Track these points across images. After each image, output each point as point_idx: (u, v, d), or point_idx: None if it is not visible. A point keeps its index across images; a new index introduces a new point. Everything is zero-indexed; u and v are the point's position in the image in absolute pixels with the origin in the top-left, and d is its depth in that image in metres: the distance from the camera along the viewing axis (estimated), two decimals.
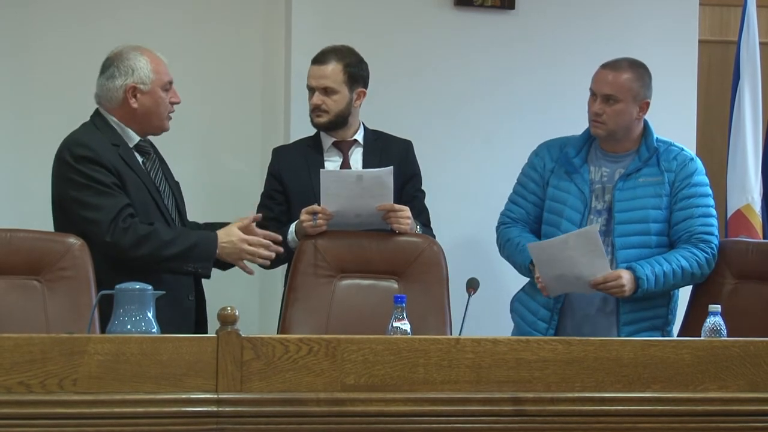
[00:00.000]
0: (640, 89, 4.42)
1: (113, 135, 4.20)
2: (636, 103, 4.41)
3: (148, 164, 4.26)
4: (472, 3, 5.17)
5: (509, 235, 4.49)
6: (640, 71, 4.45)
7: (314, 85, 4.53)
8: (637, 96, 4.41)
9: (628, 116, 4.40)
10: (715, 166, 5.78)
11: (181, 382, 3.01)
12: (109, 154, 4.13)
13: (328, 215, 4.28)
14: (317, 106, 4.52)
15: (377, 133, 4.66)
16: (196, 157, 4.84)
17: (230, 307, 3.07)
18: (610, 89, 4.40)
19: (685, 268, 4.30)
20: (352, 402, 3.08)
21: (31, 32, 5.02)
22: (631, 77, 4.41)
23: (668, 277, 4.28)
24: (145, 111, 4.22)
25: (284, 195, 4.55)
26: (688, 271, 4.30)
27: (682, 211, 4.37)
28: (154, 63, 4.23)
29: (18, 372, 2.94)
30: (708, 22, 5.89)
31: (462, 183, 5.06)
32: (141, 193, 4.16)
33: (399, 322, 3.63)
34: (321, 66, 4.53)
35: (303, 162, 4.55)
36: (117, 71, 4.22)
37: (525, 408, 3.16)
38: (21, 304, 3.93)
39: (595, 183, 4.44)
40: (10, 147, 4.98)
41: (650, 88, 4.46)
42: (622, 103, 4.39)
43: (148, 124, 4.25)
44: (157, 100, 4.22)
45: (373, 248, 4.34)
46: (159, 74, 4.22)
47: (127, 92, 4.20)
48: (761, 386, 3.26)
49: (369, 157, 4.56)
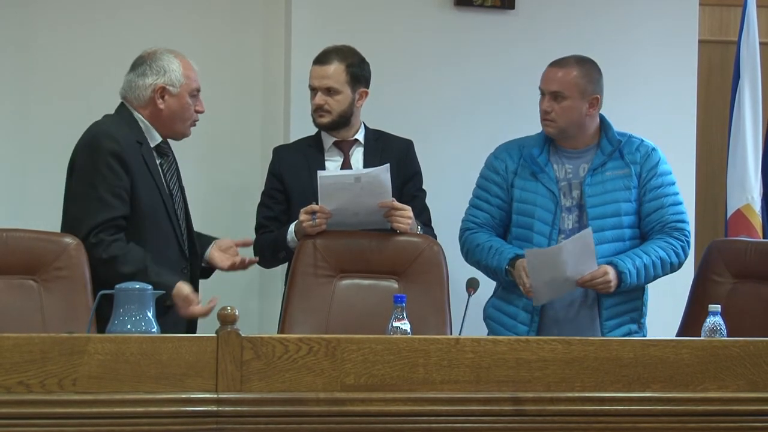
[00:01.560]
0: (588, 85, 4.42)
1: (138, 132, 4.19)
2: (584, 99, 4.41)
3: (165, 166, 4.26)
4: (472, 3, 5.17)
5: (478, 240, 4.47)
6: (587, 67, 4.46)
7: (317, 86, 4.53)
8: (585, 92, 4.41)
9: (576, 112, 4.41)
10: (715, 165, 5.79)
11: (181, 382, 3.00)
12: (133, 152, 4.12)
13: (326, 214, 4.27)
14: (320, 106, 4.52)
15: (378, 133, 4.66)
16: (196, 157, 4.83)
17: (230, 307, 3.07)
18: (557, 86, 4.41)
19: (663, 259, 4.35)
20: (352, 402, 3.08)
21: (32, 32, 5.01)
22: (578, 74, 4.42)
23: (649, 269, 4.33)
24: (171, 114, 4.21)
25: (284, 194, 4.55)
26: (666, 261, 4.36)
27: (652, 202, 4.41)
28: (186, 68, 4.23)
29: (18, 372, 2.94)
30: (708, 22, 5.89)
31: (462, 183, 5.05)
32: (153, 195, 4.15)
33: (399, 321, 3.63)
34: (323, 66, 4.53)
35: (304, 161, 4.55)
36: (149, 69, 4.21)
37: (525, 408, 3.16)
38: (17, 304, 3.93)
39: (561, 180, 4.44)
40: (10, 147, 4.98)
41: (599, 83, 4.46)
42: (570, 100, 4.39)
43: (171, 127, 4.24)
44: (183, 104, 4.22)
45: (373, 248, 4.33)
46: (189, 80, 4.22)
47: (156, 92, 4.19)
48: (761, 386, 3.26)
49: (370, 157, 4.56)
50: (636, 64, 5.31)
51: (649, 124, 5.30)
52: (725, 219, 5.37)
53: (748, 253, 4.35)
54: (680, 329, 4.33)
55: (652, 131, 5.32)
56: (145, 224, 4.12)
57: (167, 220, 4.18)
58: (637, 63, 5.31)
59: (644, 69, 5.32)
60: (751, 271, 4.31)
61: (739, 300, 4.12)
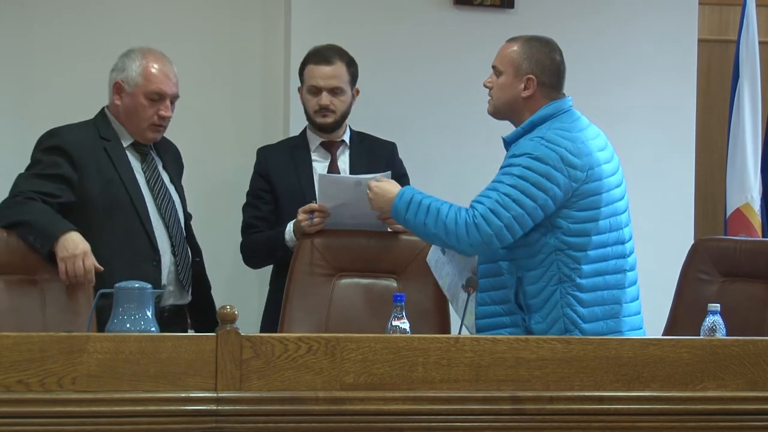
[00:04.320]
0: (524, 62, 4.01)
1: (106, 130, 4.21)
2: (518, 77, 4.01)
3: (144, 165, 4.26)
4: (471, 2, 5.18)
5: None
6: (533, 45, 4.04)
7: (322, 86, 4.51)
8: (520, 69, 4.01)
9: (508, 91, 4.03)
10: (714, 165, 5.80)
11: (181, 381, 3.00)
12: (88, 147, 4.15)
13: (324, 213, 4.28)
14: (326, 106, 4.51)
15: (362, 135, 4.67)
16: (195, 156, 4.84)
17: (229, 306, 3.07)
18: (497, 60, 4.09)
19: (441, 210, 3.92)
20: (351, 401, 3.08)
21: (31, 33, 5.02)
22: (519, 49, 4.03)
23: (423, 207, 3.94)
24: (125, 112, 4.23)
25: (272, 194, 4.55)
26: (442, 216, 3.91)
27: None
28: (150, 69, 4.21)
29: (17, 371, 2.94)
30: (707, 21, 5.90)
31: (462, 183, 5.05)
32: (113, 189, 4.15)
33: (398, 321, 3.63)
34: (328, 66, 4.52)
35: (290, 162, 4.56)
36: (116, 65, 4.26)
37: (524, 407, 3.15)
38: (18, 303, 3.93)
39: None
40: (9, 148, 4.98)
41: (539, 63, 4.02)
42: (504, 76, 4.04)
43: (128, 126, 4.25)
44: (136, 104, 4.21)
45: (372, 247, 4.34)
46: (148, 81, 4.20)
47: (114, 87, 4.22)
48: (760, 385, 3.26)
49: (356, 159, 4.58)
50: (635, 63, 5.32)
51: (648, 122, 5.32)
52: (725, 218, 5.37)
53: (737, 252, 4.32)
54: (666, 328, 4.31)
55: (651, 130, 5.35)
56: (100, 216, 4.13)
57: (133, 213, 4.16)
58: (636, 62, 5.32)
59: (644, 68, 5.33)
60: (740, 271, 4.28)
61: (728, 299, 4.09)
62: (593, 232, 3.95)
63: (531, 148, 3.92)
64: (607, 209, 3.99)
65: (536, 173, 3.88)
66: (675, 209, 5.37)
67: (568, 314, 3.93)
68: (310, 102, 4.55)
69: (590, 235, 3.95)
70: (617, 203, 4.03)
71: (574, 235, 3.94)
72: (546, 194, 3.88)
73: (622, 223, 4.04)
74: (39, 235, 3.95)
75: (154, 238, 4.19)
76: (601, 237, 3.97)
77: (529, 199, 3.88)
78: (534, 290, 3.97)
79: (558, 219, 3.93)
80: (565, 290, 3.94)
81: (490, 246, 3.90)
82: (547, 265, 3.95)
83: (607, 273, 3.98)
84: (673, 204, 5.37)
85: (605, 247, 3.98)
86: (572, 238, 3.94)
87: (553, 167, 3.89)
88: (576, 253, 3.94)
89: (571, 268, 3.93)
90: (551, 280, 3.95)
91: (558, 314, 3.94)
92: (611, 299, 3.99)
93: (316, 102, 4.53)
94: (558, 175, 3.89)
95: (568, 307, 3.93)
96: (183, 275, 4.26)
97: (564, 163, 3.90)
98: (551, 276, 3.95)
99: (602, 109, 4.74)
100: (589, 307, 3.95)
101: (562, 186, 3.90)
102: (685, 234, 5.31)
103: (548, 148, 3.90)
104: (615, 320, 3.99)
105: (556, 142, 3.92)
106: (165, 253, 4.22)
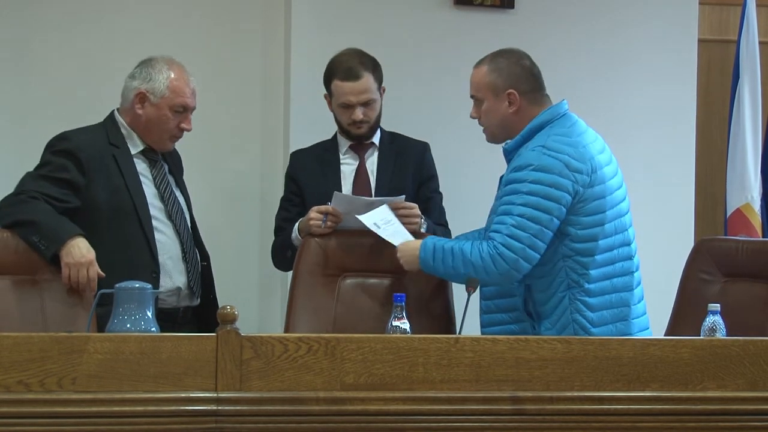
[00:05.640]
0: (497, 80, 4.01)
1: (116, 136, 4.21)
2: (499, 97, 4.01)
3: (153, 172, 4.26)
4: (471, 2, 5.18)
5: None
6: (498, 60, 4.04)
7: (355, 102, 4.47)
8: (497, 89, 4.01)
9: (496, 113, 4.03)
10: (714, 165, 5.80)
11: (181, 381, 3.01)
12: (97, 153, 4.14)
13: (338, 218, 4.27)
14: (360, 120, 4.50)
15: (393, 135, 4.64)
16: (196, 158, 4.83)
17: (230, 306, 3.07)
18: (473, 90, 4.10)
19: (465, 251, 3.92)
20: (352, 401, 3.08)
21: (31, 35, 5.02)
22: (488, 70, 4.03)
23: (447, 252, 3.96)
24: (147, 122, 4.22)
25: (300, 197, 4.55)
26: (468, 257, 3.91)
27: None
28: (176, 82, 4.21)
29: (17, 371, 2.94)
30: (708, 21, 5.90)
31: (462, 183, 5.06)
32: (119, 197, 4.14)
33: (398, 321, 3.63)
34: (357, 82, 4.45)
35: (318, 164, 4.55)
36: (138, 73, 4.23)
37: (524, 407, 3.15)
38: (18, 303, 3.93)
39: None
40: (9, 148, 4.98)
41: (513, 76, 4.00)
42: (486, 102, 4.04)
43: (148, 136, 4.24)
44: (160, 116, 4.21)
45: (377, 247, 4.32)
46: (174, 94, 4.20)
47: (137, 97, 4.20)
48: (760, 385, 3.26)
49: (384, 161, 4.56)
50: (635, 63, 5.31)
51: (648, 123, 5.31)
52: (725, 218, 5.37)
53: (739, 252, 4.32)
54: (669, 328, 4.31)
55: (651, 130, 5.35)
56: (103, 223, 4.12)
57: (136, 223, 4.16)
58: (636, 62, 5.32)
59: (644, 68, 5.32)
60: (742, 271, 4.28)
61: (728, 299, 4.09)
62: (600, 236, 3.97)
63: (533, 158, 3.92)
64: (612, 212, 4.00)
65: (544, 185, 3.89)
66: (675, 209, 5.37)
67: (577, 320, 3.94)
68: (343, 116, 4.51)
69: (597, 239, 3.96)
70: (620, 205, 4.04)
71: (582, 241, 3.95)
72: (558, 203, 3.90)
73: (626, 225, 4.05)
74: (45, 237, 3.95)
75: (155, 248, 4.18)
76: (608, 240, 3.98)
77: (543, 213, 3.89)
78: (543, 298, 3.99)
79: (566, 226, 3.94)
80: (574, 296, 3.95)
81: (520, 270, 3.92)
82: (555, 273, 3.97)
83: (614, 276, 4.00)
84: (673, 204, 5.37)
85: (612, 251, 3.99)
86: (580, 244, 3.95)
87: (558, 175, 3.90)
88: (584, 259, 3.95)
89: (579, 273, 3.95)
90: (560, 286, 3.96)
91: (567, 320, 3.95)
92: (619, 302, 4.00)
93: (350, 116, 4.49)
94: (565, 182, 3.90)
95: (578, 312, 3.94)
96: (192, 279, 4.26)
97: (569, 169, 3.91)
98: (560, 283, 3.96)
99: (602, 109, 4.74)
100: (598, 311, 3.96)
101: (571, 192, 3.91)
102: (685, 234, 5.31)
103: (551, 157, 3.91)
104: (624, 323, 4.01)
105: (558, 150, 3.93)
106: (176, 258, 4.23)
